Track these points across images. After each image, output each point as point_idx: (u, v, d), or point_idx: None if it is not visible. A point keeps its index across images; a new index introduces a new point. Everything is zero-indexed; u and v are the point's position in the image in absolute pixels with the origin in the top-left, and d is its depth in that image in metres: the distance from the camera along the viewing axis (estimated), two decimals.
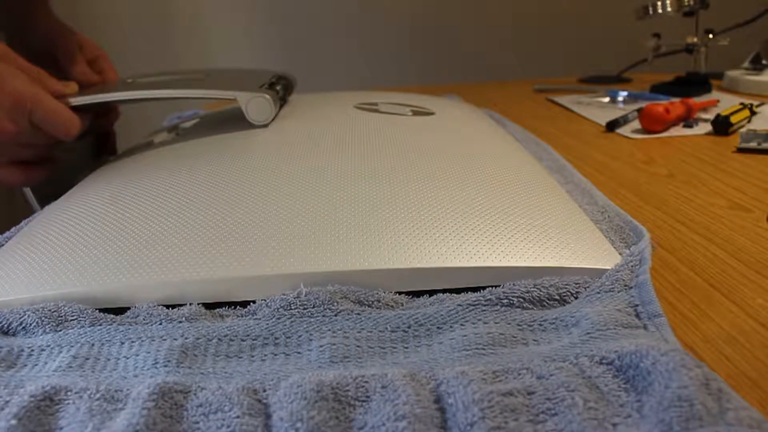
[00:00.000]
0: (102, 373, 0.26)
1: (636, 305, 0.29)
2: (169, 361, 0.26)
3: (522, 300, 0.29)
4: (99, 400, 0.23)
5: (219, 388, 0.23)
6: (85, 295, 0.31)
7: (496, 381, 0.23)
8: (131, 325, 0.29)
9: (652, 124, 0.65)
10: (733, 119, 0.64)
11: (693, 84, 0.88)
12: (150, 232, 0.34)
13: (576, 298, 0.30)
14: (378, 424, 0.21)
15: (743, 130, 0.62)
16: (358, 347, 0.27)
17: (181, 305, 0.31)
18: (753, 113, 0.69)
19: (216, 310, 0.31)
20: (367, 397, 0.23)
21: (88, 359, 0.27)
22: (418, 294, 0.31)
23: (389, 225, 0.33)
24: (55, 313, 0.29)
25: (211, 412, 0.22)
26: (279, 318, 0.29)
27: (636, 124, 0.69)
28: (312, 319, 0.29)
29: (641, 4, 0.88)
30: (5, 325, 0.30)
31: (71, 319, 0.29)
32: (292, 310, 0.29)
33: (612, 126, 0.68)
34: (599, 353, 0.24)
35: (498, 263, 0.31)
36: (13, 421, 0.22)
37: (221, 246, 0.32)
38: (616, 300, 0.29)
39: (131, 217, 0.36)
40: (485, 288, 0.30)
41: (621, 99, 0.86)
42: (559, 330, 0.28)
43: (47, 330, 0.29)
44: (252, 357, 0.27)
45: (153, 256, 0.32)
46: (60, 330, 0.29)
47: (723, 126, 0.63)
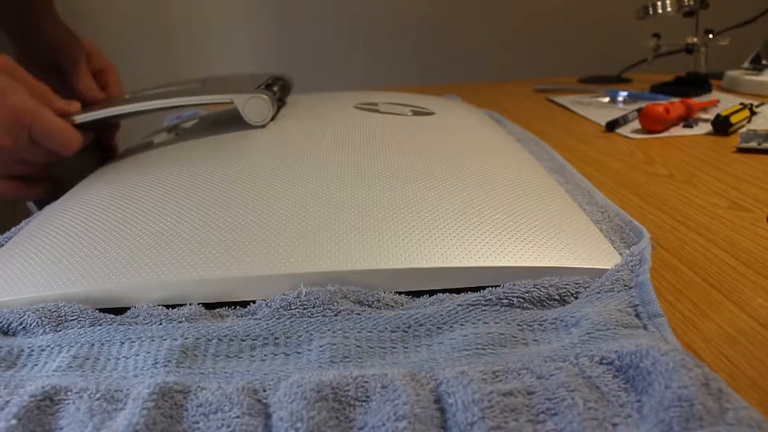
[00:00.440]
0: (102, 373, 0.26)
1: (636, 305, 0.29)
2: (169, 361, 0.26)
3: (522, 300, 0.29)
4: (99, 400, 0.23)
5: (219, 388, 0.23)
6: (85, 295, 0.31)
7: (496, 381, 0.23)
8: (131, 325, 0.29)
9: (652, 124, 0.65)
10: (733, 119, 0.64)
11: (693, 84, 0.88)
12: (150, 232, 0.34)
13: (576, 298, 0.30)
14: (378, 424, 0.21)
15: (743, 130, 0.62)
16: (358, 347, 0.27)
17: (181, 305, 0.31)
18: (753, 113, 0.69)
19: (216, 310, 0.31)
20: (367, 397, 0.23)
21: (88, 359, 0.27)
22: (418, 294, 0.31)
23: (389, 225, 0.33)
24: (55, 313, 0.29)
25: (211, 412, 0.22)
26: (279, 318, 0.29)
27: (636, 124, 0.69)
28: (312, 319, 0.29)
29: (641, 4, 0.88)
30: (5, 325, 0.30)
31: (71, 319, 0.29)
32: (292, 310, 0.29)
33: (612, 126, 0.68)
34: (599, 353, 0.24)
35: (498, 263, 0.31)
36: (13, 421, 0.22)
37: (221, 246, 0.32)
38: (616, 300, 0.29)
39: (131, 217, 0.36)
40: (485, 288, 0.30)
41: (621, 99, 0.86)
42: (559, 330, 0.28)
43: (47, 330, 0.29)
44: (252, 357, 0.27)
45: (153, 256, 0.32)
46: (60, 330, 0.29)
47: (723, 126, 0.63)
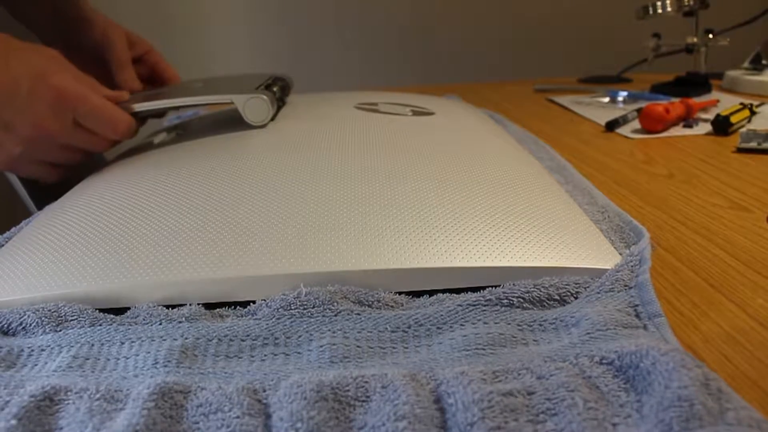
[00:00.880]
0: (102, 373, 0.26)
1: (636, 305, 0.29)
2: (169, 361, 0.26)
3: (522, 300, 0.29)
4: (99, 400, 0.23)
5: (219, 388, 0.23)
6: (85, 295, 0.31)
7: (496, 381, 0.23)
8: (131, 325, 0.29)
9: (652, 124, 0.65)
10: (733, 119, 0.64)
11: (693, 84, 0.88)
12: (150, 232, 0.34)
13: (576, 298, 0.30)
14: (378, 424, 0.21)
15: (743, 130, 0.62)
16: (358, 347, 0.27)
17: (181, 305, 0.31)
18: (753, 113, 0.69)
19: (216, 310, 0.31)
20: (367, 397, 0.23)
21: (88, 359, 0.27)
22: (418, 294, 0.31)
23: (389, 225, 0.33)
24: (55, 313, 0.29)
25: (211, 412, 0.22)
26: (279, 318, 0.29)
27: (636, 124, 0.69)
28: (312, 319, 0.29)
29: (641, 4, 0.88)
30: (5, 325, 0.30)
31: (71, 319, 0.29)
32: (292, 310, 0.29)
33: (612, 126, 0.68)
34: (599, 353, 0.24)
35: (498, 263, 0.31)
36: (13, 421, 0.22)
37: (221, 246, 0.32)
38: (616, 300, 0.29)
39: (131, 217, 0.36)
40: (485, 288, 0.30)
41: (621, 99, 0.86)
42: (559, 330, 0.28)
43: (47, 330, 0.29)
44: (252, 357, 0.27)
45: (153, 256, 0.32)
46: (60, 330, 0.29)
47: (723, 126, 0.63)
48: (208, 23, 1.44)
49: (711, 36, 0.88)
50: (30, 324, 0.29)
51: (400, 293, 0.31)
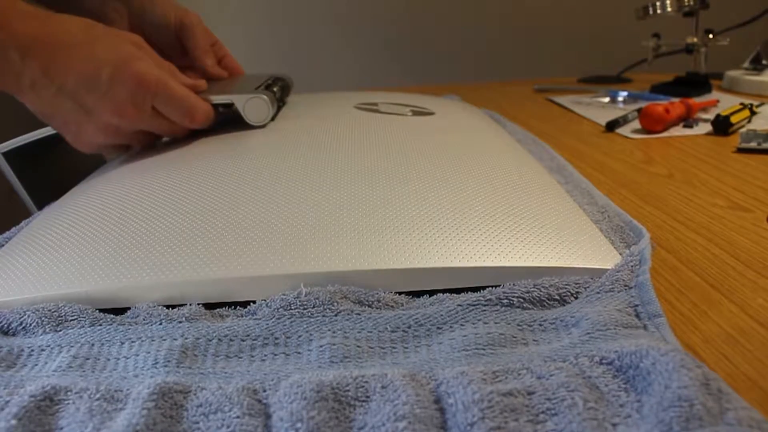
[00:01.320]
0: (102, 373, 0.26)
1: (636, 305, 0.29)
2: (169, 361, 0.26)
3: (522, 300, 0.29)
4: (99, 400, 0.23)
5: (219, 388, 0.23)
6: (85, 295, 0.31)
7: (496, 381, 0.23)
8: (131, 325, 0.29)
9: (652, 124, 0.65)
10: (733, 119, 0.64)
11: (693, 84, 0.88)
12: (150, 232, 0.34)
13: (576, 298, 0.30)
14: (378, 424, 0.21)
15: (743, 130, 0.62)
16: (358, 347, 0.27)
17: (181, 305, 0.31)
18: (753, 113, 0.69)
19: (216, 310, 0.31)
20: (367, 397, 0.23)
21: (88, 359, 0.27)
22: (418, 294, 0.31)
23: (389, 225, 0.33)
24: (55, 313, 0.29)
25: (211, 412, 0.22)
26: (279, 318, 0.29)
27: (636, 124, 0.69)
28: (312, 320, 0.29)
29: (641, 4, 0.88)
30: (5, 325, 0.30)
31: (71, 319, 0.29)
32: (292, 310, 0.29)
33: (612, 126, 0.68)
34: (599, 353, 0.24)
35: (498, 263, 0.31)
36: (13, 421, 0.22)
37: (221, 246, 0.32)
38: (616, 300, 0.29)
39: (131, 217, 0.36)
40: (485, 288, 0.30)
41: (621, 99, 0.86)
42: (559, 330, 0.28)
43: (47, 330, 0.29)
44: (252, 357, 0.27)
45: (153, 256, 0.32)
46: (60, 330, 0.29)
47: (723, 126, 0.63)
48: (207, 23, 1.43)
49: (711, 36, 0.88)
50: (30, 324, 0.29)
51: (400, 293, 0.31)
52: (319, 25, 1.52)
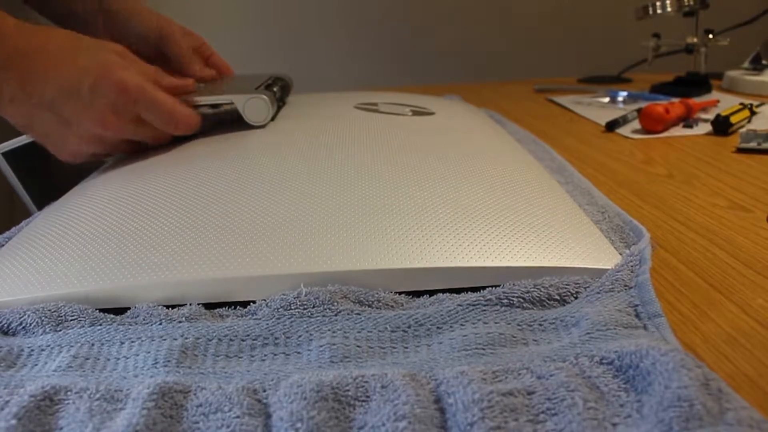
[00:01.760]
0: (102, 373, 0.26)
1: (636, 305, 0.29)
2: (169, 361, 0.26)
3: (522, 300, 0.29)
4: (99, 400, 0.23)
5: (219, 388, 0.23)
6: (85, 295, 0.31)
7: (496, 381, 0.23)
8: (131, 325, 0.29)
9: (652, 124, 0.65)
10: (733, 119, 0.64)
11: (693, 84, 0.88)
12: (150, 232, 0.34)
13: (576, 298, 0.30)
14: (378, 424, 0.21)
15: (743, 130, 0.62)
16: (358, 347, 0.27)
17: (181, 305, 0.31)
18: (753, 113, 0.69)
19: (216, 310, 0.31)
20: (367, 397, 0.23)
21: (88, 359, 0.27)
22: (418, 294, 0.31)
23: (389, 225, 0.33)
24: (55, 313, 0.29)
25: (211, 412, 0.22)
26: (279, 318, 0.29)
27: (636, 124, 0.69)
28: (312, 319, 0.29)
29: (641, 4, 0.88)
30: (5, 325, 0.30)
31: (71, 319, 0.29)
32: (292, 310, 0.29)
33: (612, 126, 0.68)
34: (599, 353, 0.24)
35: (498, 263, 0.31)
36: (13, 421, 0.22)
37: (221, 246, 0.32)
38: (616, 300, 0.29)
39: (131, 218, 0.36)
40: (485, 288, 0.30)
41: (621, 99, 0.86)
42: (559, 330, 0.28)
43: (47, 330, 0.29)
44: (252, 357, 0.27)
45: (153, 256, 0.32)
46: (60, 330, 0.29)
47: (723, 126, 0.63)
48: (207, 23, 1.44)
49: (711, 36, 0.88)
50: (30, 324, 0.29)
51: (400, 293, 0.31)
52: (319, 25, 1.52)
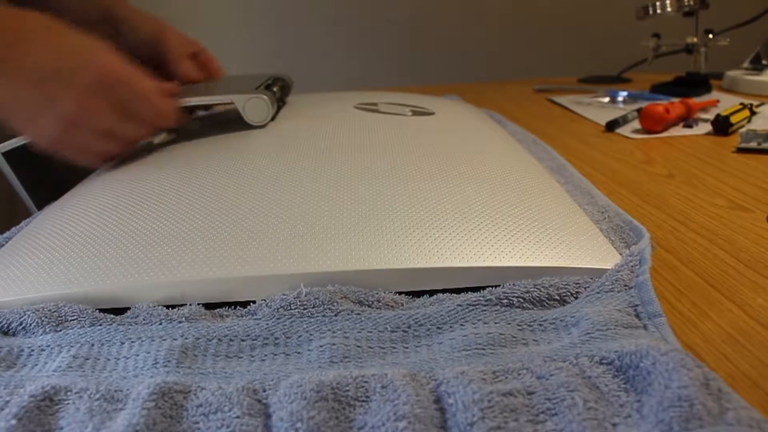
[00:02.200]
0: (102, 373, 0.26)
1: (636, 305, 0.29)
2: (169, 361, 0.26)
3: (522, 300, 0.29)
4: (99, 400, 0.23)
5: (219, 388, 0.23)
6: (85, 295, 0.31)
7: (496, 381, 0.23)
8: (131, 325, 0.29)
9: (652, 124, 0.65)
10: (733, 119, 0.64)
11: (693, 84, 0.88)
12: (150, 232, 0.34)
13: (576, 298, 0.30)
14: (378, 424, 0.21)
15: (743, 130, 0.62)
16: (358, 347, 0.27)
17: (181, 305, 0.31)
18: (753, 113, 0.69)
19: (216, 310, 0.31)
20: (367, 397, 0.23)
21: (88, 359, 0.27)
22: (418, 294, 0.31)
23: (389, 225, 0.33)
24: (55, 313, 0.29)
25: (211, 412, 0.22)
26: (279, 318, 0.29)
27: (636, 124, 0.69)
28: (312, 319, 0.29)
29: (641, 4, 0.88)
30: (5, 325, 0.30)
31: (71, 319, 0.29)
32: (292, 310, 0.29)
33: (612, 126, 0.68)
34: (599, 353, 0.24)
35: (498, 263, 0.31)
36: (13, 421, 0.22)
37: (221, 246, 0.32)
38: (616, 300, 0.29)
39: (131, 217, 0.36)
40: (485, 288, 0.30)
41: (621, 99, 0.86)
42: (559, 330, 0.28)
43: (47, 330, 0.29)
44: (252, 357, 0.27)
45: (153, 256, 0.32)
46: (60, 330, 0.29)
47: (723, 126, 0.63)
48: (207, 23, 1.44)
49: (711, 36, 0.88)
50: (30, 324, 0.29)
51: (400, 293, 0.31)
52: (319, 25, 1.52)
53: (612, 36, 1.49)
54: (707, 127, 0.66)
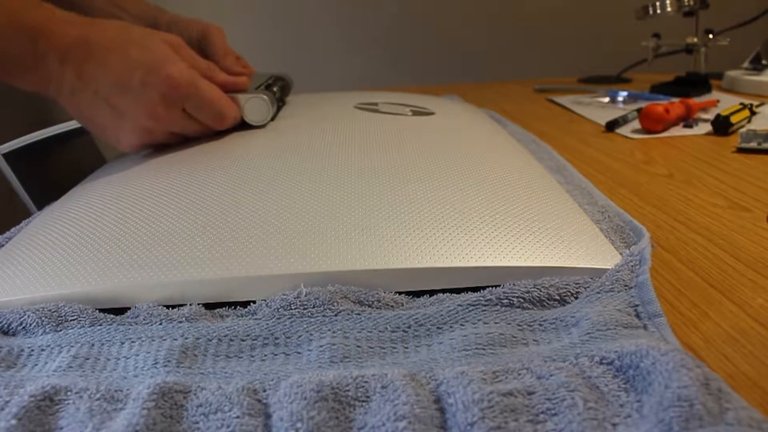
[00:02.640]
0: (102, 373, 0.26)
1: (636, 305, 0.29)
2: (169, 361, 0.26)
3: (522, 300, 0.29)
4: (99, 400, 0.23)
5: (219, 388, 0.23)
6: (85, 295, 0.31)
7: (496, 381, 0.23)
8: (131, 325, 0.29)
9: (652, 124, 0.65)
10: (733, 119, 0.64)
11: (693, 84, 0.88)
12: (150, 232, 0.34)
13: (576, 298, 0.30)
14: (378, 424, 0.21)
15: (743, 130, 0.62)
16: (358, 347, 0.27)
17: (181, 305, 0.31)
18: (753, 113, 0.69)
19: (216, 310, 0.31)
20: (367, 397, 0.23)
21: (88, 359, 0.27)
22: (418, 294, 0.31)
23: (389, 225, 0.33)
24: (55, 313, 0.29)
25: (211, 412, 0.22)
26: (279, 318, 0.29)
27: (636, 124, 0.69)
28: (312, 319, 0.29)
29: (641, 4, 0.88)
30: (5, 325, 0.30)
31: (71, 319, 0.29)
32: (292, 310, 0.29)
33: (612, 126, 0.68)
34: (599, 353, 0.24)
35: (498, 263, 0.31)
36: (13, 421, 0.22)
37: (221, 246, 0.32)
38: (616, 300, 0.29)
39: (131, 217, 0.36)
40: (485, 288, 0.30)
41: (621, 99, 0.86)
42: (559, 330, 0.28)
43: (47, 330, 0.29)
44: (252, 357, 0.27)
45: (153, 256, 0.32)
46: (60, 330, 0.29)
47: (723, 126, 0.63)
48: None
49: (711, 36, 0.88)
50: (30, 324, 0.29)
51: (400, 293, 0.31)
52: (319, 25, 1.52)
53: (612, 36, 1.49)
54: (707, 127, 0.66)
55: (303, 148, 0.46)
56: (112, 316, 0.30)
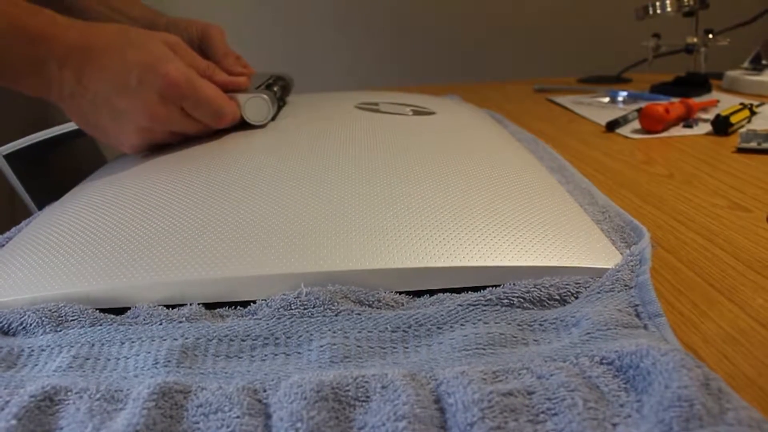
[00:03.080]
0: (102, 373, 0.26)
1: (636, 305, 0.29)
2: (169, 361, 0.26)
3: (522, 300, 0.29)
4: (99, 400, 0.23)
5: (219, 388, 0.23)
6: (85, 296, 0.31)
7: (496, 381, 0.23)
8: (131, 325, 0.29)
9: (652, 124, 0.65)
10: (733, 119, 0.64)
11: (693, 84, 0.88)
12: (150, 232, 0.34)
13: (576, 298, 0.30)
14: (378, 424, 0.21)
15: (743, 130, 0.62)
16: (358, 347, 0.27)
17: (182, 305, 0.31)
18: (753, 113, 0.69)
19: (216, 310, 0.31)
20: (367, 397, 0.23)
21: (88, 359, 0.27)
22: (418, 294, 0.31)
23: (389, 225, 0.33)
24: (55, 314, 0.29)
25: (211, 412, 0.22)
26: (279, 318, 0.29)
27: (636, 124, 0.69)
28: (312, 319, 0.29)
29: (641, 4, 0.88)
30: (5, 325, 0.30)
31: (71, 320, 0.29)
32: (292, 310, 0.29)
33: (612, 126, 0.68)
34: (599, 353, 0.24)
35: (498, 263, 0.31)
36: (13, 421, 0.22)
37: (221, 246, 0.32)
38: (616, 300, 0.29)
39: (131, 218, 0.36)
40: (485, 288, 0.30)
41: (621, 99, 0.86)
42: (560, 330, 0.28)
43: (47, 330, 0.29)
44: (252, 357, 0.27)
45: (153, 256, 0.32)
46: (60, 330, 0.29)
47: (723, 126, 0.63)
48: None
49: (711, 36, 0.88)
50: (30, 324, 0.29)
51: (400, 293, 0.31)
52: (319, 25, 1.52)
53: (612, 36, 1.49)
54: (707, 127, 0.66)
55: (303, 148, 0.46)
56: (112, 316, 0.30)
